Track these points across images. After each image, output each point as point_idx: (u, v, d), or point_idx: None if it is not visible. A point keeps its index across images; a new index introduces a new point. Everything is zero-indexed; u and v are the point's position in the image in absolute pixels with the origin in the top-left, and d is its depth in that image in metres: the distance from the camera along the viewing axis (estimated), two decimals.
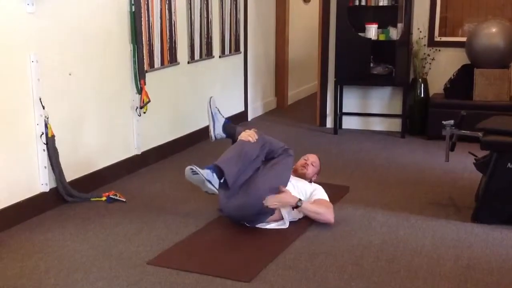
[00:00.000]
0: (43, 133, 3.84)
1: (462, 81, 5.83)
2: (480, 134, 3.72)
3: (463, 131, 3.91)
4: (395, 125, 6.27)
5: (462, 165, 4.80)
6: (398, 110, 6.20)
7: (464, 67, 5.87)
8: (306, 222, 3.70)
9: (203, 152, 5.44)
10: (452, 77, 5.92)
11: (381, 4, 5.93)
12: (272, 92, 7.69)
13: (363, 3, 6.00)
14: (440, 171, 4.82)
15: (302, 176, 4.00)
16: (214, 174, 3.52)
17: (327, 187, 4.47)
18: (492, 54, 5.63)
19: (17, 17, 3.64)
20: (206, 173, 3.50)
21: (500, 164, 3.58)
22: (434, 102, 5.91)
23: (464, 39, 5.88)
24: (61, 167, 3.98)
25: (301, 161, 4.11)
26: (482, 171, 3.79)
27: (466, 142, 4.26)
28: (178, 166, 5.06)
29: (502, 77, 5.65)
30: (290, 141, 6.04)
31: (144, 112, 4.84)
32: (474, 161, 3.85)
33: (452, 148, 4.04)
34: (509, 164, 3.55)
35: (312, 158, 4.15)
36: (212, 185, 3.52)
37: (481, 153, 3.85)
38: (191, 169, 3.49)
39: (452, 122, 3.94)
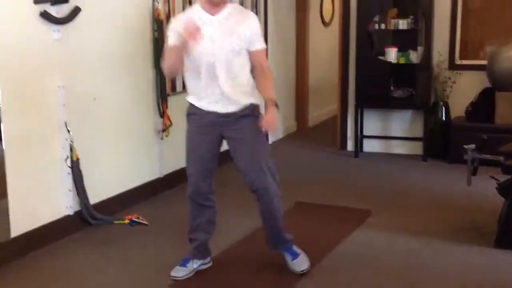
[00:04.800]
0: (68, 157, 3.92)
1: (483, 104, 5.81)
2: (501, 158, 3.70)
3: (485, 155, 3.89)
4: (416, 148, 6.24)
5: (484, 189, 4.75)
6: (419, 133, 6.18)
7: (485, 90, 5.85)
8: (324, 251, 3.68)
9: (223, 175, 5.46)
10: (473, 100, 5.90)
11: (400, 27, 5.95)
12: (293, 115, 7.71)
13: (382, 27, 6.03)
14: (462, 195, 4.78)
15: (215, 3, 3.13)
16: (195, 260, 3.40)
17: (349, 211, 4.49)
18: None
19: (44, 44, 3.74)
20: (190, 267, 3.38)
21: None
22: (455, 125, 5.88)
23: (485, 62, 5.87)
24: (85, 190, 4.05)
25: None
26: (505, 195, 3.76)
27: (488, 166, 4.23)
28: None
29: None
30: (311, 165, 6.11)
31: (166, 136, 4.90)
32: (497, 186, 3.82)
33: (474, 173, 4.02)
34: None
35: None
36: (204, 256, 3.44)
37: (504, 177, 3.82)
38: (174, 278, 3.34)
39: (473, 146, 3.92)
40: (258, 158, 3.22)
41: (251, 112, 3.22)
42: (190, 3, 5.16)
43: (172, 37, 3.11)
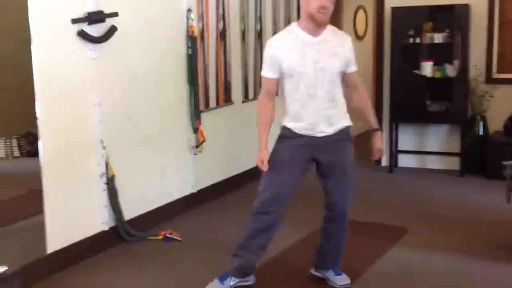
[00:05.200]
0: (104, 173, 3.96)
1: None
2: None
3: None
4: (453, 163, 6.13)
5: None
6: (455, 148, 6.07)
7: None
8: (360, 270, 3.63)
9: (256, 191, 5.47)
10: (511, 115, 5.77)
11: (436, 41, 5.88)
12: None
13: (418, 40, 5.96)
14: (501, 212, 4.65)
15: (321, 24, 3.08)
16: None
17: (384, 228, 4.43)
18: None
19: (81, 62, 3.81)
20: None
21: None
22: (493, 140, 5.77)
23: None
24: (120, 206, 4.09)
25: (315, 3, 3.01)
26: None
27: None
28: (233, 204, 5.11)
29: None
30: None
31: (200, 151, 4.93)
32: None
33: None
34: None
35: None
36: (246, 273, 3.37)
37: None
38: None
39: None
40: (349, 183, 3.25)
41: (346, 135, 3.24)
42: (224, 20, 5.21)
43: (270, 67, 3.14)
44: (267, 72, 3.16)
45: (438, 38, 5.86)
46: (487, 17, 5.88)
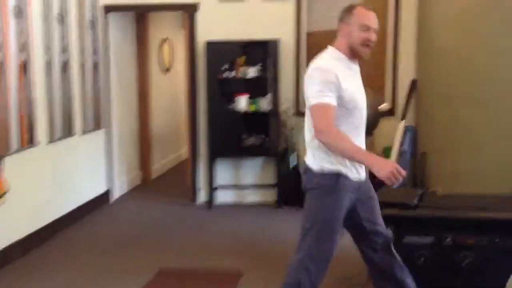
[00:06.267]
0: None
1: None
2: None
3: None
4: (270, 195, 6.18)
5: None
6: (271, 180, 6.13)
7: None
8: None
9: (70, 240, 4.89)
10: None
11: (249, 76, 5.89)
12: (137, 165, 7.26)
13: (232, 75, 5.91)
14: None
15: (360, 58, 2.87)
16: None
17: (219, 275, 4.19)
18: None
19: None
20: None
21: (396, 238, 3.55)
22: None
23: None
24: None
25: (361, 35, 2.77)
26: None
27: None
28: (44, 262, 4.48)
29: (368, 144, 5.82)
30: (165, 222, 5.68)
31: (3, 203, 4.21)
32: None
33: None
34: (406, 237, 3.54)
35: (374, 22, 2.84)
36: None
37: None
38: None
39: None
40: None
41: None
42: (26, 51, 4.57)
43: (332, 94, 2.70)
44: (331, 99, 2.71)
45: (251, 72, 5.89)
46: (295, 51, 6.08)
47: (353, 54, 2.83)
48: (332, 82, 2.70)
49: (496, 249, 3.44)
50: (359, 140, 2.88)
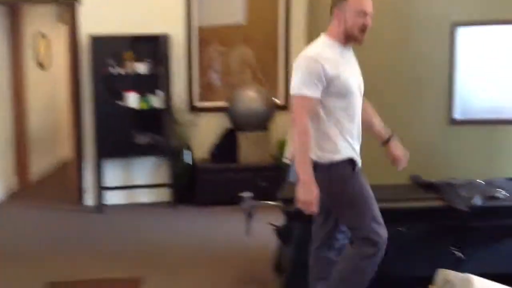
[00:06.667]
0: None
1: (226, 145, 5.85)
2: (281, 204, 3.62)
3: (264, 202, 3.79)
4: (164, 195, 5.96)
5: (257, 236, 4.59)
6: (165, 179, 5.92)
7: (227, 131, 5.90)
8: None
9: None
10: (217, 142, 5.89)
11: (139, 71, 5.62)
12: (12, 169, 6.66)
13: (120, 71, 5.60)
14: (236, 245, 4.57)
15: (355, 43, 2.83)
16: None
17: (118, 284, 3.94)
18: (252, 117, 5.76)
19: None
20: None
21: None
22: (200, 168, 5.80)
23: (225, 103, 5.90)
24: None
25: (358, 21, 2.73)
26: (284, 240, 3.68)
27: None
28: None
29: (264, 139, 5.82)
30: (50, 229, 5.23)
31: None
32: (276, 230, 3.72)
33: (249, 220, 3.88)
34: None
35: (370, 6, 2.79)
36: None
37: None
38: None
39: (251, 194, 3.79)
40: None
41: None
42: None
43: (316, 85, 2.68)
44: (313, 92, 2.73)
45: (141, 68, 5.62)
46: (186, 46, 5.89)
47: (347, 40, 2.79)
48: (317, 73, 2.68)
49: (404, 238, 3.45)
50: (355, 128, 2.86)
